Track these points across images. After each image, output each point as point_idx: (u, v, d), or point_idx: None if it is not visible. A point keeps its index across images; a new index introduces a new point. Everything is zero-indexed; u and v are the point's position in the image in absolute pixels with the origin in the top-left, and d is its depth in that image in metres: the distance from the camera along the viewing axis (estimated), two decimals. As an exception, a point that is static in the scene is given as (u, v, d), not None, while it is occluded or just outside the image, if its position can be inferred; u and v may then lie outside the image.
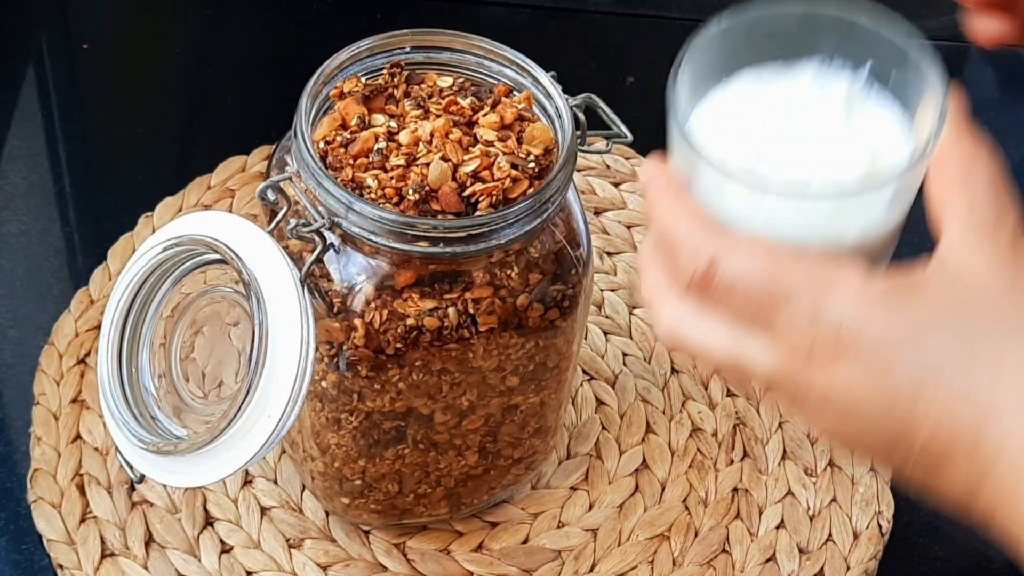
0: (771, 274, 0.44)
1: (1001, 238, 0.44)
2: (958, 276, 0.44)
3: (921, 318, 0.43)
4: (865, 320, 0.43)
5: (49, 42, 0.98)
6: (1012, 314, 0.43)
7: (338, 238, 0.56)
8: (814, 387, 0.45)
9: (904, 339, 0.43)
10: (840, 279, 0.44)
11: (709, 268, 0.45)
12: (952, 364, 0.43)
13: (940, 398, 0.43)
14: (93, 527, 0.70)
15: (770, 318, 0.45)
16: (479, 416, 0.63)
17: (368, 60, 0.60)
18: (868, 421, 0.44)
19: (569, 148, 0.57)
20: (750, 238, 0.45)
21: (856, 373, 0.44)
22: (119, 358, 0.59)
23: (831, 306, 0.44)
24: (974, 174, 0.45)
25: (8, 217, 0.85)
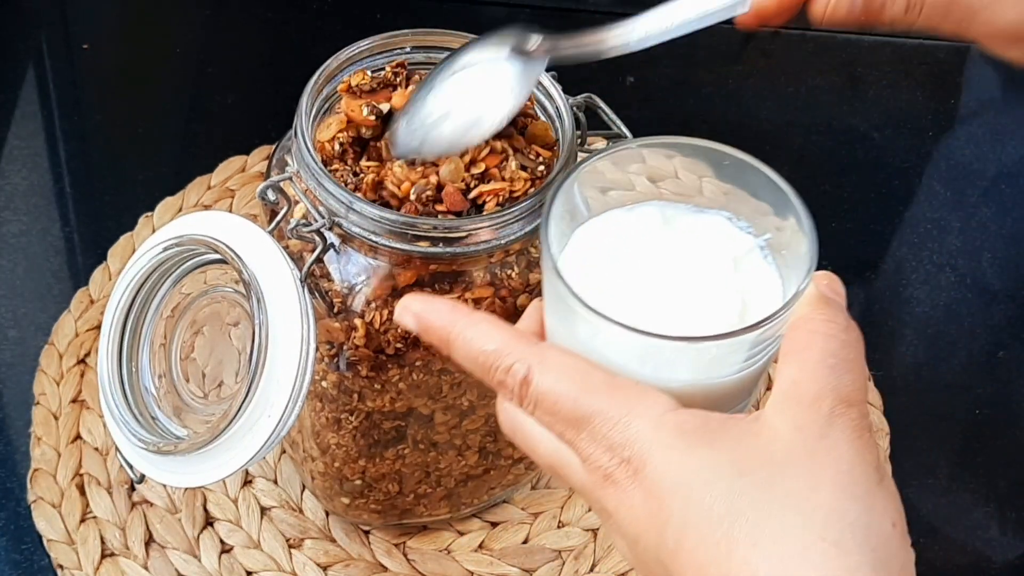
0: (577, 395, 0.45)
1: (818, 411, 0.44)
2: (759, 432, 0.44)
3: (703, 466, 0.43)
4: (652, 453, 0.43)
5: (49, 42, 0.98)
6: (788, 488, 0.43)
7: (338, 238, 0.56)
8: (607, 507, 0.45)
9: (679, 484, 0.43)
10: (642, 407, 0.44)
11: (524, 381, 0.45)
12: (711, 525, 0.42)
13: (696, 557, 0.42)
14: (93, 527, 0.70)
15: (573, 437, 0.45)
16: (479, 416, 0.63)
17: (368, 60, 0.60)
18: (644, 554, 0.44)
19: (569, 148, 0.57)
20: (563, 354, 0.46)
21: (638, 503, 0.44)
22: (119, 358, 0.59)
23: (626, 432, 0.44)
24: (812, 346, 0.45)
25: (8, 217, 0.85)
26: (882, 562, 0.42)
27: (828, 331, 0.45)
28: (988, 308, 0.86)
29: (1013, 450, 0.79)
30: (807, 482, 0.43)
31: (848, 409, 0.44)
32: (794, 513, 0.42)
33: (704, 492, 0.43)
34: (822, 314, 0.46)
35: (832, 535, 0.42)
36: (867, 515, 0.42)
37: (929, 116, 0.98)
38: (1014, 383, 0.82)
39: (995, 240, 0.90)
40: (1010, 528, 0.75)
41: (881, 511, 0.43)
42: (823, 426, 0.43)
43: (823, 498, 0.42)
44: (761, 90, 0.99)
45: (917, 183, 0.94)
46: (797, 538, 0.41)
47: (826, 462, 0.43)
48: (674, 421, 0.44)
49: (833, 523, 0.42)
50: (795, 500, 0.42)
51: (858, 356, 0.45)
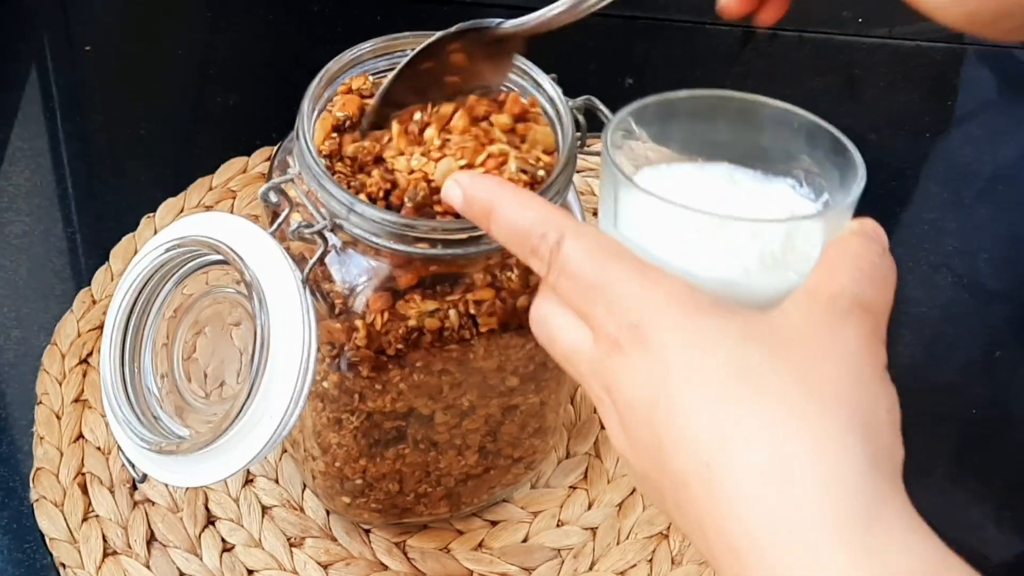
0: (603, 262, 0.46)
1: (833, 306, 0.44)
2: (770, 316, 0.44)
3: (706, 331, 0.44)
4: (661, 318, 0.44)
5: (51, 44, 0.98)
6: (789, 358, 0.43)
7: (339, 239, 0.56)
8: (608, 379, 0.45)
9: (683, 343, 0.43)
10: (660, 280, 0.45)
11: (555, 247, 0.47)
12: (707, 382, 0.43)
13: (685, 410, 0.43)
14: (95, 526, 0.70)
15: (591, 305, 0.46)
16: (479, 416, 0.64)
17: (370, 62, 0.60)
18: (636, 422, 0.45)
19: (569, 150, 0.57)
20: (600, 231, 0.48)
21: (637, 367, 0.44)
22: (122, 358, 0.59)
23: (640, 300, 0.44)
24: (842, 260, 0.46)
25: (11, 218, 0.85)
26: (870, 438, 0.42)
27: (861, 252, 0.46)
28: (985, 308, 0.86)
29: (1010, 450, 0.79)
30: (810, 357, 0.43)
31: (865, 314, 0.44)
32: (789, 379, 0.42)
33: (705, 351, 0.43)
34: (859, 238, 0.46)
35: (827, 405, 0.42)
36: (863, 394, 0.43)
37: (926, 117, 0.98)
38: (1011, 383, 0.83)
39: (992, 241, 0.90)
40: (1007, 527, 0.75)
41: (876, 396, 0.44)
42: (836, 320, 0.44)
43: (822, 372, 0.43)
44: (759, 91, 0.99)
45: (914, 184, 0.94)
46: (788, 400, 0.42)
47: (832, 347, 0.43)
48: (689, 295, 0.45)
49: (827, 393, 0.42)
50: (792, 369, 0.43)
51: (886, 282, 0.46)
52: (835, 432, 0.41)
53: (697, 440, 0.42)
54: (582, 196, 0.86)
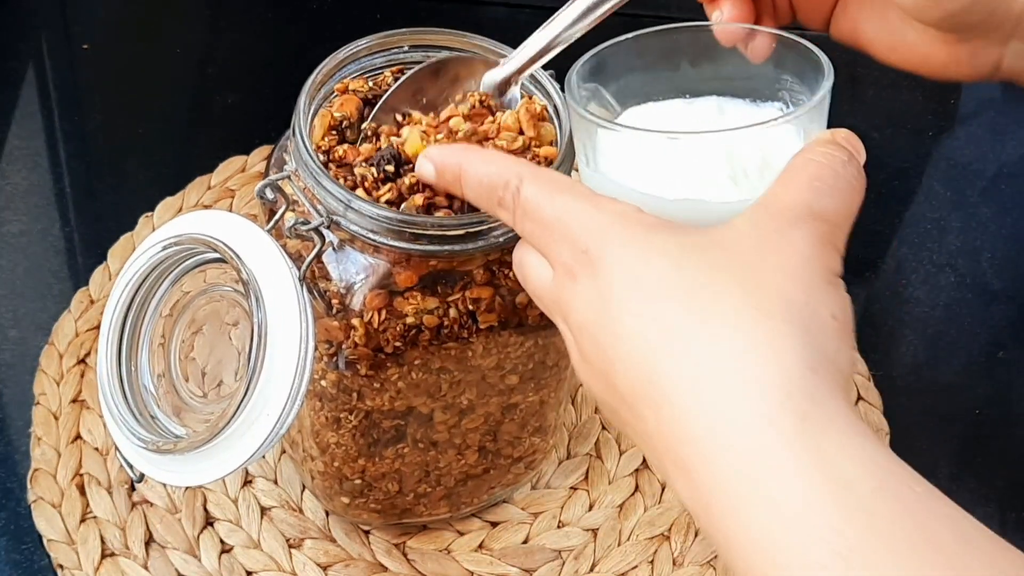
0: (556, 195, 0.47)
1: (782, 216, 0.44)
2: (714, 228, 0.44)
3: (650, 249, 0.44)
4: (611, 243, 0.45)
5: (49, 42, 0.98)
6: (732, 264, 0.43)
7: (336, 237, 0.56)
8: (565, 307, 0.46)
9: (628, 262, 0.44)
10: (610, 206, 0.46)
11: (515, 190, 0.48)
12: (648, 296, 0.43)
13: (629, 327, 0.43)
14: (93, 527, 0.70)
15: (548, 240, 0.47)
16: (479, 415, 0.63)
17: (366, 59, 0.60)
18: (589, 342, 0.45)
19: (568, 147, 0.57)
20: (557, 172, 0.49)
21: (587, 289, 0.45)
22: (119, 357, 0.59)
23: (590, 225, 0.45)
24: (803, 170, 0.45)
25: (8, 217, 0.85)
26: (815, 343, 0.41)
27: (824, 160, 0.45)
28: (988, 308, 0.86)
29: (1013, 450, 0.79)
30: (749, 261, 0.43)
31: (817, 222, 0.44)
32: (731, 285, 0.42)
33: (646, 266, 0.44)
34: (824, 147, 0.46)
35: (765, 306, 0.41)
36: (806, 296, 0.42)
37: (929, 116, 0.98)
38: (1014, 383, 0.82)
39: (995, 240, 0.90)
40: (1010, 528, 0.75)
41: (823, 301, 0.43)
42: (785, 227, 0.43)
43: (764, 277, 0.42)
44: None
45: (917, 183, 0.94)
46: (729, 307, 0.42)
47: (776, 252, 0.43)
48: (637, 216, 0.45)
49: (770, 297, 0.42)
50: (733, 275, 0.42)
51: (850, 190, 0.45)
52: (771, 335, 0.41)
53: (637, 354, 0.42)
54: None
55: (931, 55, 0.55)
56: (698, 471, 0.40)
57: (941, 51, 0.55)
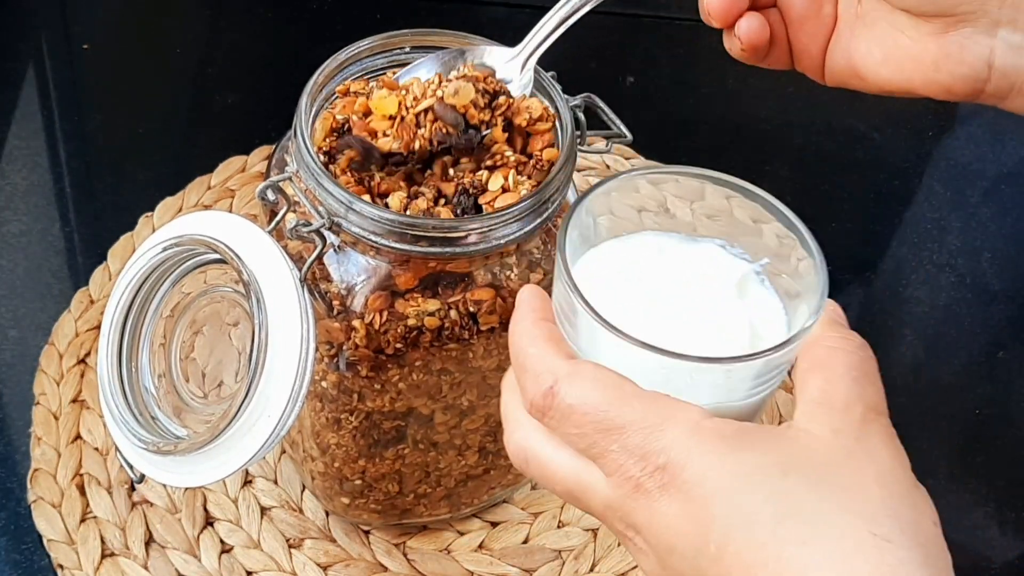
0: (609, 404, 0.44)
1: (850, 416, 0.44)
2: (796, 437, 0.44)
3: (745, 468, 0.43)
4: (691, 458, 0.43)
5: (49, 42, 0.98)
6: (833, 486, 0.43)
7: (338, 238, 0.56)
8: (636, 520, 0.44)
9: (722, 487, 0.42)
10: (676, 415, 0.44)
11: (548, 392, 0.45)
12: (759, 525, 0.42)
13: (742, 558, 0.42)
14: (93, 527, 0.70)
15: (603, 448, 0.44)
16: (479, 416, 0.63)
17: (368, 60, 0.60)
18: (680, 563, 0.44)
19: (569, 148, 0.57)
20: (596, 368, 0.46)
21: (673, 511, 0.43)
22: (119, 358, 0.59)
23: (662, 439, 0.43)
24: (834, 360, 0.46)
25: (8, 217, 0.85)
26: (931, 558, 0.42)
27: (846, 347, 0.46)
28: (988, 308, 0.86)
29: (1013, 450, 0.79)
30: (851, 481, 0.43)
31: (878, 416, 0.45)
32: (842, 511, 0.42)
33: (748, 494, 0.42)
34: (837, 332, 0.47)
35: (882, 530, 0.41)
36: (912, 512, 0.43)
37: (929, 116, 0.98)
38: (1014, 383, 0.82)
39: (995, 240, 0.90)
40: (1010, 528, 0.75)
41: (923, 510, 0.43)
42: (858, 430, 0.44)
43: (869, 495, 0.42)
44: (761, 90, 0.99)
45: (917, 183, 0.94)
46: (847, 535, 0.41)
47: (867, 462, 0.43)
48: (711, 427, 0.44)
49: (881, 519, 0.42)
50: (842, 498, 0.42)
51: (875, 371, 0.46)
52: (900, 564, 0.41)
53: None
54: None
55: (922, 55, 0.55)
56: None
57: (931, 47, 0.55)
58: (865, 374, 0.46)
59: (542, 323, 0.48)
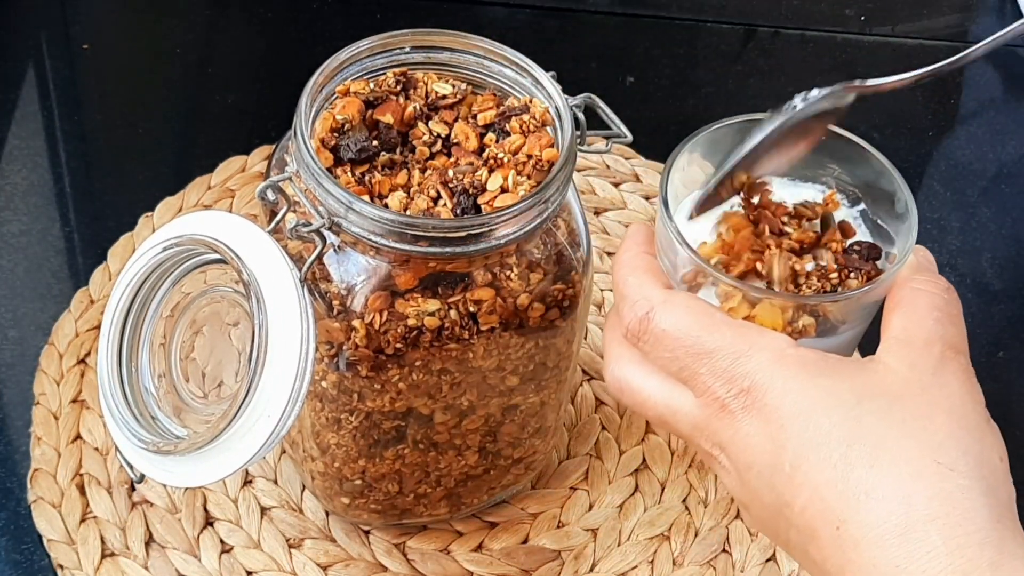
0: (700, 330, 0.48)
1: (929, 353, 0.47)
2: (875, 369, 0.47)
3: (822, 393, 0.46)
4: (772, 382, 0.46)
5: (49, 42, 0.98)
6: (904, 414, 0.45)
7: (338, 238, 0.56)
8: (721, 439, 0.48)
9: (799, 410, 0.45)
10: (763, 342, 0.47)
11: (644, 318, 0.49)
12: (830, 447, 0.45)
13: (812, 478, 0.45)
14: (93, 527, 0.70)
15: (694, 371, 0.48)
16: (479, 416, 0.63)
17: (368, 60, 0.60)
18: (757, 480, 0.47)
19: (569, 148, 0.57)
20: (689, 297, 0.49)
21: (754, 431, 0.47)
22: (119, 358, 0.59)
23: (747, 364, 0.47)
24: (918, 300, 0.49)
25: (8, 217, 0.85)
26: (992, 489, 0.44)
27: (932, 289, 0.49)
28: (988, 308, 0.86)
29: (1013, 450, 0.79)
30: (923, 411, 0.45)
31: (957, 355, 0.47)
32: (910, 438, 0.44)
33: (823, 417, 0.45)
34: (924, 275, 0.50)
35: (946, 459, 0.44)
36: (978, 445, 0.45)
37: (929, 116, 0.98)
38: (1014, 383, 0.82)
39: (995, 240, 0.90)
40: (1010, 528, 0.75)
41: (991, 444, 0.46)
42: (935, 366, 0.47)
43: (938, 425, 0.45)
44: (761, 90, 0.99)
45: (917, 183, 0.94)
46: (912, 460, 0.44)
47: (940, 396, 0.46)
48: (795, 355, 0.47)
49: (948, 448, 0.44)
50: (911, 426, 0.45)
51: (959, 313, 0.49)
52: (960, 491, 0.43)
53: (825, 503, 0.44)
54: (583, 195, 0.86)
55: None
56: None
57: None
58: (948, 315, 0.48)
59: (643, 255, 0.52)
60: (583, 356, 0.79)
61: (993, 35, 0.57)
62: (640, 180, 0.88)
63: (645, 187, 0.87)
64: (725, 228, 0.53)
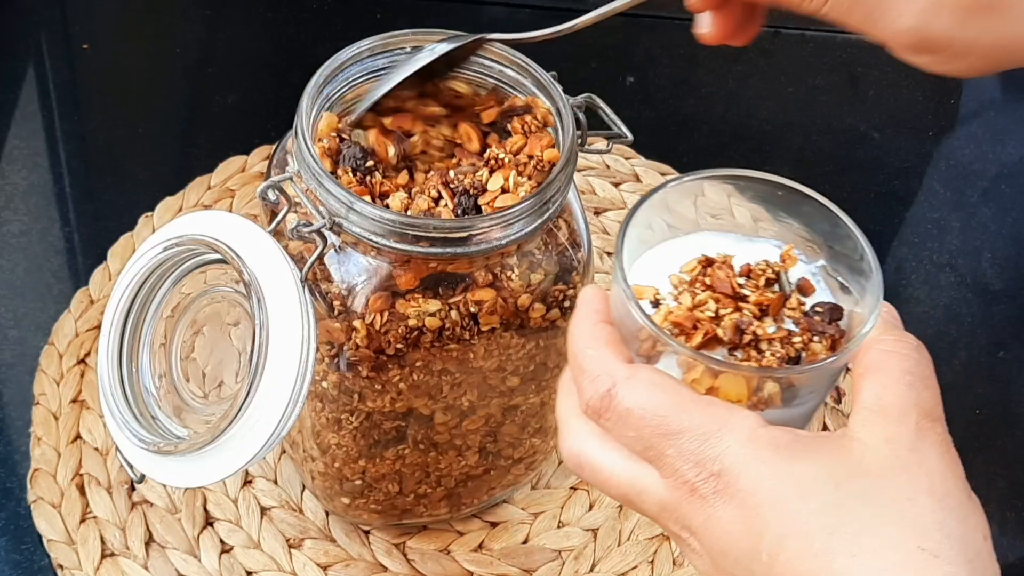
0: (666, 410, 0.45)
1: (905, 425, 0.45)
2: (850, 447, 0.44)
3: (799, 479, 0.44)
4: (746, 466, 0.44)
5: (49, 42, 0.98)
6: (885, 498, 0.43)
7: (338, 238, 0.56)
8: (691, 523, 0.45)
9: (776, 496, 0.43)
10: (733, 422, 0.45)
11: (606, 395, 0.46)
12: (811, 536, 0.43)
13: (793, 567, 0.43)
14: (93, 527, 0.70)
15: (660, 451, 0.45)
16: (479, 416, 0.63)
17: (369, 60, 0.60)
18: (733, 568, 0.45)
19: (570, 149, 0.57)
20: (654, 372, 0.46)
21: (728, 517, 0.44)
22: (119, 358, 0.59)
23: (718, 446, 0.44)
24: (889, 363, 0.46)
25: (8, 217, 0.85)
26: (978, 572, 0.43)
27: (901, 351, 0.46)
28: (988, 308, 0.86)
29: (1013, 450, 0.79)
30: (903, 493, 0.43)
31: (933, 424, 0.45)
32: (892, 523, 0.42)
33: (801, 503, 0.43)
34: (892, 335, 0.47)
35: (931, 545, 0.42)
36: (962, 526, 0.43)
37: (929, 116, 0.98)
38: (1014, 383, 0.82)
39: (995, 240, 0.90)
40: (1010, 529, 0.75)
41: (974, 524, 0.44)
42: (912, 439, 0.44)
43: (920, 509, 0.43)
44: (761, 90, 0.99)
45: (917, 183, 0.94)
46: (896, 548, 0.42)
47: (919, 474, 0.44)
48: (767, 436, 0.44)
49: (931, 533, 0.42)
50: (892, 511, 0.43)
51: (931, 374, 0.46)
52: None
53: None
54: (583, 195, 0.86)
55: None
56: None
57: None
58: (920, 378, 0.46)
59: (601, 325, 0.49)
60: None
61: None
62: (640, 180, 0.88)
63: (645, 187, 0.87)
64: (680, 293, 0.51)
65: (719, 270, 0.50)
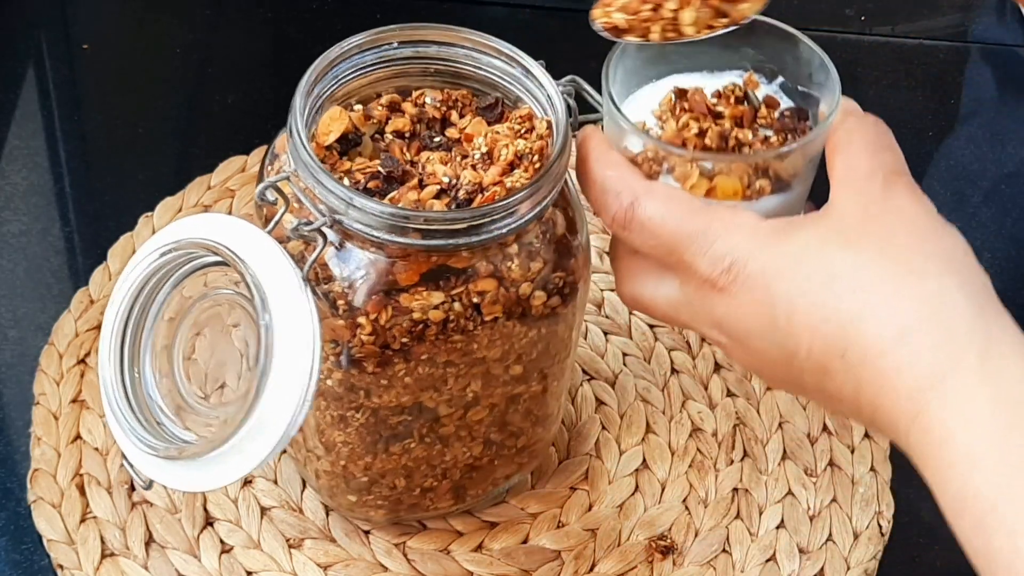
0: (681, 215, 0.52)
1: (873, 185, 0.51)
2: (831, 214, 0.51)
3: (792, 251, 0.50)
4: (751, 254, 0.51)
5: (49, 42, 0.98)
6: (868, 244, 0.50)
7: (338, 235, 0.56)
8: (716, 315, 0.53)
9: (777, 268, 0.50)
10: (737, 221, 0.52)
11: (629, 207, 0.54)
12: (814, 290, 0.49)
13: (807, 321, 0.50)
14: (93, 527, 0.70)
15: (679, 256, 0.53)
16: (484, 407, 0.63)
17: (357, 56, 0.60)
18: (760, 343, 0.52)
19: (564, 137, 0.57)
20: (667, 187, 0.54)
21: (745, 300, 0.51)
22: (121, 365, 0.59)
23: (727, 243, 0.51)
24: (851, 139, 0.53)
25: (8, 217, 0.85)
26: (966, 281, 0.49)
27: (861, 126, 0.54)
28: (988, 308, 0.86)
29: (1013, 450, 0.79)
30: (883, 234, 0.50)
31: (898, 177, 0.52)
32: (880, 260, 0.49)
33: (799, 268, 0.50)
34: (851, 115, 0.54)
35: (916, 267, 0.49)
36: (941, 245, 0.50)
37: (929, 117, 0.98)
38: (1014, 383, 0.82)
39: (995, 241, 0.89)
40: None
41: (953, 243, 0.51)
42: (881, 192, 0.51)
43: (901, 241, 0.50)
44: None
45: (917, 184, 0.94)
46: (888, 278, 0.49)
47: (892, 219, 0.51)
48: (766, 226, 0.52)
49: (914, 258, 0.49)
50: (877, 251, 0.49)
51: (890, 139, 0.54)
52: (939, 292, 0.48)
53: (825, 339, 0.49)
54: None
55: None
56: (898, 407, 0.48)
57: None
58: (880, 145, 0.53)
59: (611, 152, 0.56)
60: (583, 356, 0.79)
61: None
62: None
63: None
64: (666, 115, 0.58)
65: (694, 96, 0.58)
